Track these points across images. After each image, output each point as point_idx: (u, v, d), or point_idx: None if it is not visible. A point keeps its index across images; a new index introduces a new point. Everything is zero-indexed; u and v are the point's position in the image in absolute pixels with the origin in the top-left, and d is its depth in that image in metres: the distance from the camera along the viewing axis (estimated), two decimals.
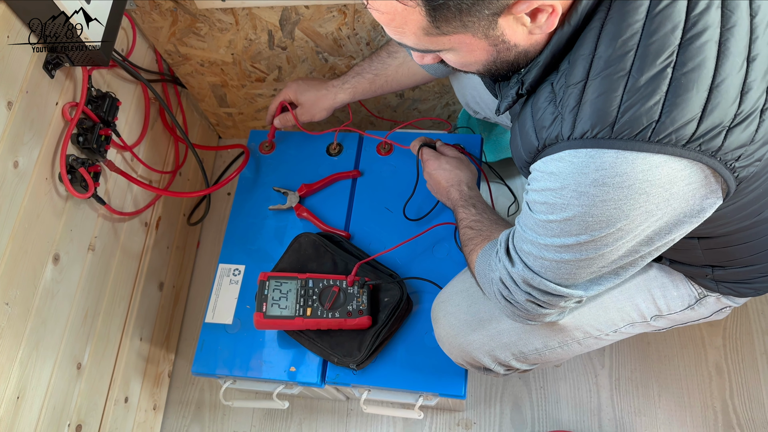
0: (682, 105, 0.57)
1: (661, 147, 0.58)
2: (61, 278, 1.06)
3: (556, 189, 0.64)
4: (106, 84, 1.18)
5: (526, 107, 0.70)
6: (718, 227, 0.74)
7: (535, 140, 0.67)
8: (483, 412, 1.37)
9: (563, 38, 0.63)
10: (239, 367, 1.12)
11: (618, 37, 0.58)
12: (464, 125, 1.41)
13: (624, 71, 0.58)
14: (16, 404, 0.97)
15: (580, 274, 0.71)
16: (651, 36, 0.57)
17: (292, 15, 1.23)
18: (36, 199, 0.99)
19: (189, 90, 1.53)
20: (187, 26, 1.28)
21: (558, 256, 0.69)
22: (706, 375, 1.35)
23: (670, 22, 0.57)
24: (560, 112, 0.63)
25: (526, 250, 0.73)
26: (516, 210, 1.54)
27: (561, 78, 0.63)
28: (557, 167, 0.63)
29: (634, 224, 0.63)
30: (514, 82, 0.71)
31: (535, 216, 0.69)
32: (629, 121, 0.58)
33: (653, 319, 0.95)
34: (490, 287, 0.83)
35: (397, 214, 1.19)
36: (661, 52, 0.57)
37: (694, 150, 0.58)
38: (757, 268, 0.82)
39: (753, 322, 1.38)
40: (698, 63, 0.57)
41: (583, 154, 0.61)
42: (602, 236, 0.65)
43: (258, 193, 1.27)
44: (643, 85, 0.57)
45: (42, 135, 1.00)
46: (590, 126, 0.59)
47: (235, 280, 1.18)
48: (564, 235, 0.67)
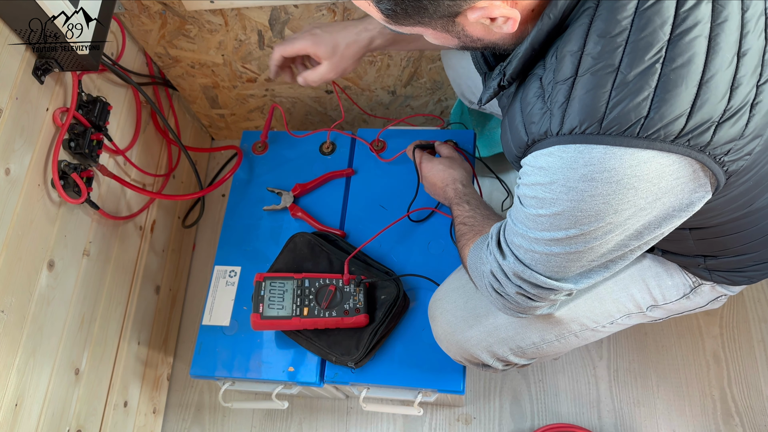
0: (671, 101, 0.57)
1: (650, 143, 0.58)
2: (56, 284, 1.06)
3: (545, 184, 0.64)
4: (96, 88, 1.17)
5: (515, 102, 0.70)
6: (709, 219, 0.74)
7: (524, 135, 0.67)
8: (482, 406, 1.38)
9: (543, 31, 0.62)
10: (238, 368, 1.12)
11: (607, 34, 0.58)
12: (457, 121, 1.41)
13: (612, 67, 0.58)
14: (15, 411, 0.96)
15: (570, 267, 0.72)
16: (640, 32, 0.57)
17: (281, 14, 1.22)
18: (29, 206, 0.98)
19: (180, 92, 1.53)
20: (176, 28, 1.28)
21: (548, 249, 0.70)
22: (704, 364, 1.36)
23: (659, 17, 0.57)
24: (549, 107, 0.63)
25: (517, 243, 0.73)
26: (510, 205, 1.55)
27: (549, 73, 0.63)
28: (546, 162, 0.64)
29: (622, 218, 0.64)
30: (496, 74, 0.71)
31: (525, 210, 0.69)
32: (618, 117, 0.58)
33: (649, 309, 0.95)
34: (482, 280, 0.84)
35: (392, 212, 1.19)
36: (649, 47, 0.57)
37: (683, 145, 0.58)
38: (750, 257, 0.82)
39: (749, 310, 1.39)
40: (687, 59, 0.57)
41: (571, 149, 0.61)
42: (591, 230, 0.65)
43: (252, 194, 1.26)
44: (632, 80, 0.57)
45: (33, 141, 0.99)
46: (579, 122, 0.59)
47: (231, 281, 1.18)
48: (553, 229, 0.67)
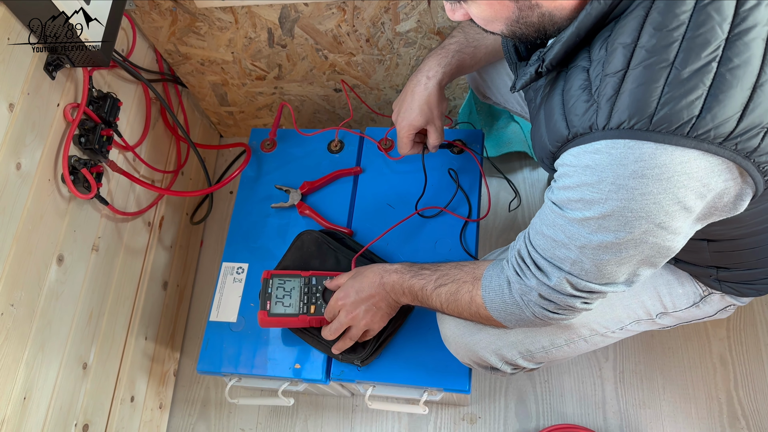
0: (724, 102, 0.55)
1: (698, 143, 0.57)
2: (65, 279, 1.07)
3: (593, 183, 0.62)
4: (107, 84, 1.18)
5: (555, 95, 0.67)
6: (731, 230, 0.73)
7: (564, 129, 0.64)
8: (488, 406, 1.38)
9: (591, 15, 0.60)
10: (244, 364, 1.12)
11: (663, 27, 0.56)
12: (465, 120, 1.41)
13: (667, 62, 0.56)
14: (23, 405, 0.97)
15: (620, 270, 0.69)
16: (698, 28, 0.56)
17: (291, 12, 1.23)
18: (39, 201, 0.99)
19: (190, 89, 1.53)
20: (186, 25, 1.28)
21: (597, 256, 0.67)
22: (711, 367, 1.35)
23: (719, 15, 0.56)
24: (596, 100, 0.60)
25: (561, 256, 0.70)
26: (518, 205, 1.55)
27: (597, 66, 0.61)
28: (593, 160, 0.61)
29: (671, 218, 0.62)
30: (534, 60, 0.68)
31: (567, 214, 0.66)
32: (669, 115, 0.56)
33: (659, 316, 0.94)
34: (525, 311, 0.79)
35: (399, 211, 1.19)
36: (707, 45, 0.55)
37: (730, 149, 0.57)
38: (762, 271, 0.82)
39: (757, 313, 1.38)
40: (745, 60, 0.55)
41: (621, 144, 0.59)
42: (641, 232, 0.63)
43: (260, 191, 1.27)
44: (686, 78, 0.56)
45: (44, 136, 1.00)
46: (628, 116, 0.58)
47: (239, 278, 1.19)
48: (602, 232, 0.64)
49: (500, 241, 1.52)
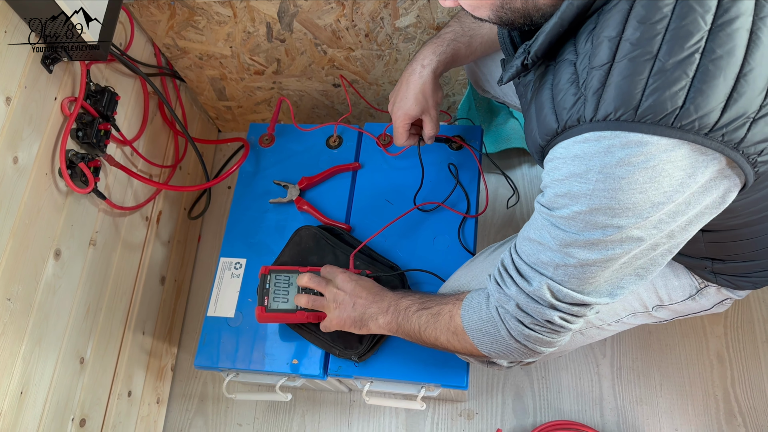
0: (707, 92, 0.56)
1: (683, 133, 0.57)
2: (62, 273, 1.07)
3: (580, 173, 0.62)
4: (104, 78, 1.17)
5: (544, 89, 0.68)
6: (725, 220, 0.73)
7: (554, 122, 0.65)
8: (485, 402, 1.38)
9: (574, 6, 0.61)
10: (242, 360, 1.12)
11: (647, 20, 0.57)
12: (464, 116, 1.40)
13: (650, 54, 0.57)
14: (20, 399, 0.97)
15: (603, 276, 0.68)
16: (681, 20, 0.56)
17: (290, 7, 1.22)
18: (36, 195, 0.99)
19: (188, 84, 1.53)
20: (185, 19, 1.28)
21: (584, 256, 0.66)
22: (708, 363, 1.36)
23: (701, 6, 0.56)
24: (583, 93, 0.61)
25: (546, 260, 0.70)
26: (516, 201, 1.55)
27: (584, 59, 0.62)
28: (581, 149, 0.62)
29: (658, 211, 0.62)
30: (520, 53, 0.69)
31: (555, 213, 0.66)
32: (653, 105, 0.56)
33: (655, 309, 0.95)
34: (500, 329, 0.78)
35: (398, 206, 1.19)
36: (690, 36, 0.56)
37: (717, 140, 0.57)
38: (757, 264, 0.82)
39: (754, 310, 1.39)
40: (727, 50, 0.56)
41: (608, 133, 0.59)
42: (628, 226, 0.63)
43: (258, 187, 1.27)
44: (669, 69, 0.56)
45: (41, 130, 0.99)
46: (614, 108, 0.58)
47: (237, 273, 1.18)
48: (590, 229, 0.64)
49: (498, 237, 1.52)
